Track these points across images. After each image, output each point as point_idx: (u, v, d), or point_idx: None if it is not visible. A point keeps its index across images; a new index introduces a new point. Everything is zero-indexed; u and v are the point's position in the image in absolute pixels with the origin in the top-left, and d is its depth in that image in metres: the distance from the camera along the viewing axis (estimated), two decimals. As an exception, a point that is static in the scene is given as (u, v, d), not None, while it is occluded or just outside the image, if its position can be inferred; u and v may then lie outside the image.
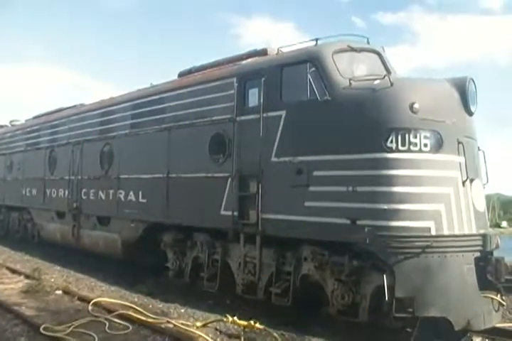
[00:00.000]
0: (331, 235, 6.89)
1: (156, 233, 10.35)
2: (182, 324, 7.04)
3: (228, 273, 8.75)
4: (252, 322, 6.83)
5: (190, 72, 10.59)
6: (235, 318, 7.01)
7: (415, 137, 6.60)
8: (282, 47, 8.68)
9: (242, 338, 6.63)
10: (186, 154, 9.46)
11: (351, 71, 7.53)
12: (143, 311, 7.70)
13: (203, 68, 10.25)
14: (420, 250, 6.27)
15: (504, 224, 58.87)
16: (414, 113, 6.64)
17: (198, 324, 7.09)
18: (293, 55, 8.05)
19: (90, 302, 8.20)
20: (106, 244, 11.72)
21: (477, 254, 6.61)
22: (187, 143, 9.47)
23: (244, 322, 6.89)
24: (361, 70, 7.75)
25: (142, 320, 7.25)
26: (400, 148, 6.56)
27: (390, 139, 6.57)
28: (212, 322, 7.24)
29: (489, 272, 6.69)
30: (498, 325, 7.16)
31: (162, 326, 7.01)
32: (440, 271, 6.28)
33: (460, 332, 6.54)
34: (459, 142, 6.83)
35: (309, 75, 7.33)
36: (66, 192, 13.59)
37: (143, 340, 6.60)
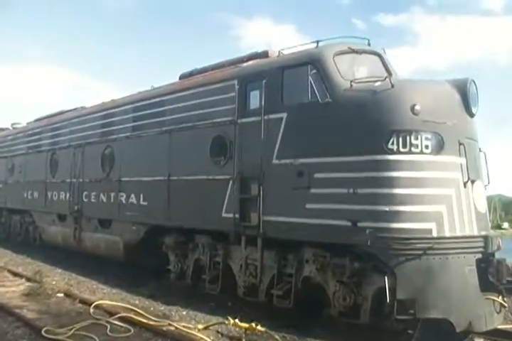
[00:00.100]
0: (332, 237, 6.89)
1: (158, 235, 10.35)
2: (184, 326, 7.03)
3: (230, 275, 8.75)
4: (254, 324, 6.80)
5: (191, 74, 10.60)
6: (237, 321, 6.98)
7: (416, 139, 6.60)
8: (283, 49, 8.70)
9: (244, 340, 6.62)
10: (187, 156, 9.46)
11: (352, 73, 7.54)
12: (144, 314, 7.69)
13: (205, 70, 10.26)
14: (422, 252, 6.26)
15: (506, 226, 58.87)
16: (415, 114, 6.64)
17: (200, 326, 7.08)
18: (294, 57, 8.06)
19: (92, 304, 8.18)
20: (107, 247, 11.72)
21: (478, 256, 6.60)
22: (188, 145, 9.48)
23: (245, 324, 6.87)
24: (362, 72, 7.75)
25: (144, 323, 7.24)
26: (401, 150, 6.56)
27: (391, 141, 6.57)
28: (213, 324, 7.22)
29: (491, 273, 6.68)
30: (500, 327, 7.15)
31: (164, 329, 6.99)
32: (441, 273, 6.28)
33: (461, 334, 6.52)
34: (460, 143, 6.83)
35: (310, 77, 7.34)
36: (67, 194, 13.61)
37: (144, 343, 6.60)
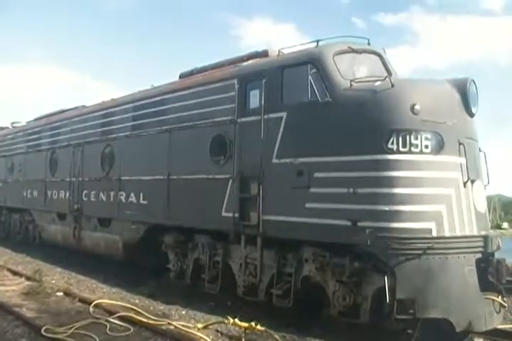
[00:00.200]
0: (332, 237, 6.89)
1: (157, 234, 10.35)
2: (183, 326, 7.03)
3: (229, 274, 8.75)
4: (253, 323, 6.81)
5: (191, 74, 10.59)
6: (236, 320, 6.99)
7: (416, 138, 6.59)
8: (283, 48, 8.70)
9: (243, 340, 6.61)
10: (187, 156, 9.46)
11: (352, 72, 7.53)
12: (144, 313, 7.69)
13: (204, 69, 10.25)
14: (421, 251, 6.26)
15: (505, 226, 58.85)
16: (415, 114, 6.63)
17: (199, 326, 7.09)
18: (294, 57, 8.06)
19: (91, 303, 8.19)
20: (107, 246, 11.72)
21: (478, 256, 6.60)
22: (188, 144, 9.47)
23: (245, 323, 6.87)
24: (362, 72, 7.75)
25: (143, 322, 7.25)
26: (401, 150, 6.56)
27: (391, 140, 6.57)
28: (213, 323, 7.23)
29: (490, 273, 6.68)
30: (500, 327, 7.15)
31: (163, 328, 7.00)
32: (441, 273, 6.27)
33: (461, 334, 6.52)
34: (460, 143, 6.83)
35: (310, 77, 7.34)
36: (67, 193, 13.60)
37: (144, 342, 6.60)
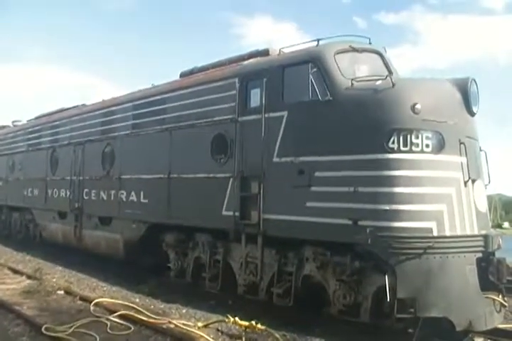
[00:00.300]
0: (333, 236, 6.89)
1: (158, 233, 10.35)
2: (183, 324, 7.04)
3: (230, 273, 8.76)
4: (254, 322, 6.82)
5: (192, 73, 10.59)
6: (237, 319, 7.00)
7: (417, 138, 6.59)
8: (284, 47, 8.68)
9: (244, 339, 6.61)
10: (188, 155, 9.46)
11: (353, 71, 7.53)
12: (144, 311, 7.70)
13: (205, 68, 10.25)
14: (422, 251, 6.25)
15: (506, 225, 58.90)
16: (415, 113, 6.63)
17: (200, 324, 7.10)
18: (295, 56, 8.05)
19: (92, 302, 8.20)
20: (107, 245, 11.73)
21: (479, 255, 6.60)
22: (188, 143, 9.47)
23: (245, 322, 6.89)
24: (363, 71, 7.74)
25: (144, 321, 7.26)
26: (402, 149, 6.55)
27: (392, 140, 6.56)
28: (213, 322, 7.23)
29: (491, 273, 6.68)
30: (500, 326, 7.14)
31: (164, 326, 7.01)
32: (442, 272, 6.27)
33: (462, 333, 6.52)
34: (461, 142, 6.82)
35: (311, 76, 7.34)
36: (68, 192, 13.61)
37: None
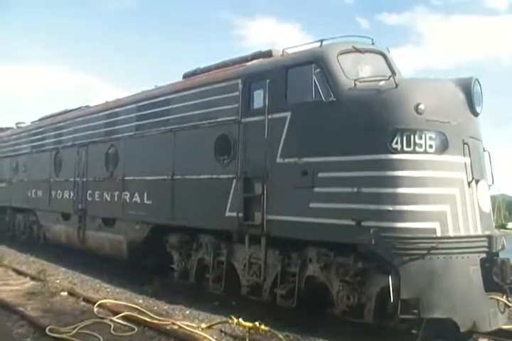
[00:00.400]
0: (336, 236, 6.88)
1: (161, 234, 10.36)
2: (187, 325, 7.03)
3: (233, 274, 8.75)
4: (257, 323, 6.80)
5: (194, 74, 10.59)
6: (240, 320, 6.98)
7: (420, 138, 6.58)
8: (287, 48, 8.67)
9: (247, 340, 6.61)
10: (191, 156, 9.46)
11: (356, 72, 7.54)
12: (148, 313, 7.70)
13: (208, 69, 10.25)
14: (425, 251, 6.24)
15: (510, 225, 58.58)
16: (419, 114, 6.62)
17: (203, 325, 7.09)
18: (298, 57, 8.05)
19: (95, 303, 8.21)
20: (111, 246, 11.75)
21: (483, 255, 6.58)
22: (192, 144, 9.48)
23: (249, 323, 6.87)
24: (366, 71, 7.75)
25: (147, 322, 7.25)
26: (405, 149, 6.55)
27: (395, 140, 6.56)
28: (217, 323, 7.22)
29: (495, 273, 6.66)
30: (504, 327, 7.12)
31: (167, 328, 7.01)
32: (445, 273, 6.26)
33: (466, 334, 6.51)
34: (465, 143, 6.81)
35: (314, 76, 7.34)
36: (71, 193, 13.64)
37: (148, 342, 6.61)
